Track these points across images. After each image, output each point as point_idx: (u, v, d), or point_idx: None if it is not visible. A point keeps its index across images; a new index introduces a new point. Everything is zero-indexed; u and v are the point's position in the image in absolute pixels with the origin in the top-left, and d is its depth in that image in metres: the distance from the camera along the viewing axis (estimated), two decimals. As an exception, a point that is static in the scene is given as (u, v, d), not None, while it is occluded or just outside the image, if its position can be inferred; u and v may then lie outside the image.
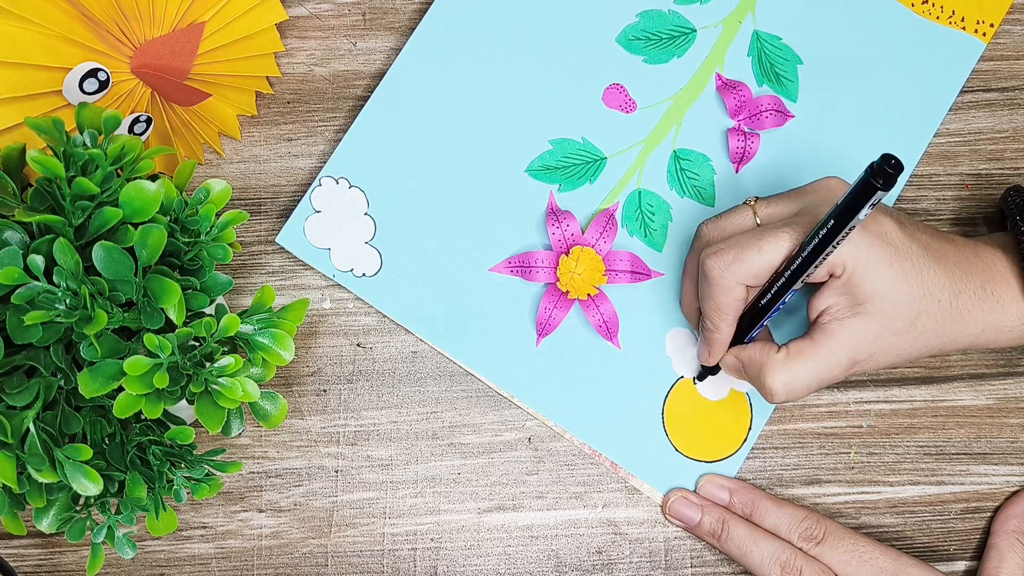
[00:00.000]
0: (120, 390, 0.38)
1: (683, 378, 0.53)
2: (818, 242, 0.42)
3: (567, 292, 0.52)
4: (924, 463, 0.53)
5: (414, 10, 0.57)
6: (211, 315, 0.41)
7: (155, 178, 0.40)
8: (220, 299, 0.43)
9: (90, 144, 0.40)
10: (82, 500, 0.42)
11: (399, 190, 0.54)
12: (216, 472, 0.43)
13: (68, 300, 0.37)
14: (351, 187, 0.54)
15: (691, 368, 0.53)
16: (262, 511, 0.52)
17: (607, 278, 0.53)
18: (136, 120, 0.49)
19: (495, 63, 0.55)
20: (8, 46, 0.42)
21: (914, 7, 0.56)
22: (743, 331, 0.48)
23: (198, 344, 0.40)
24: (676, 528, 0.52)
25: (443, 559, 0.52)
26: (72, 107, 0.46)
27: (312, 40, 0.56)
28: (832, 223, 0.41)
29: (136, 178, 0.40)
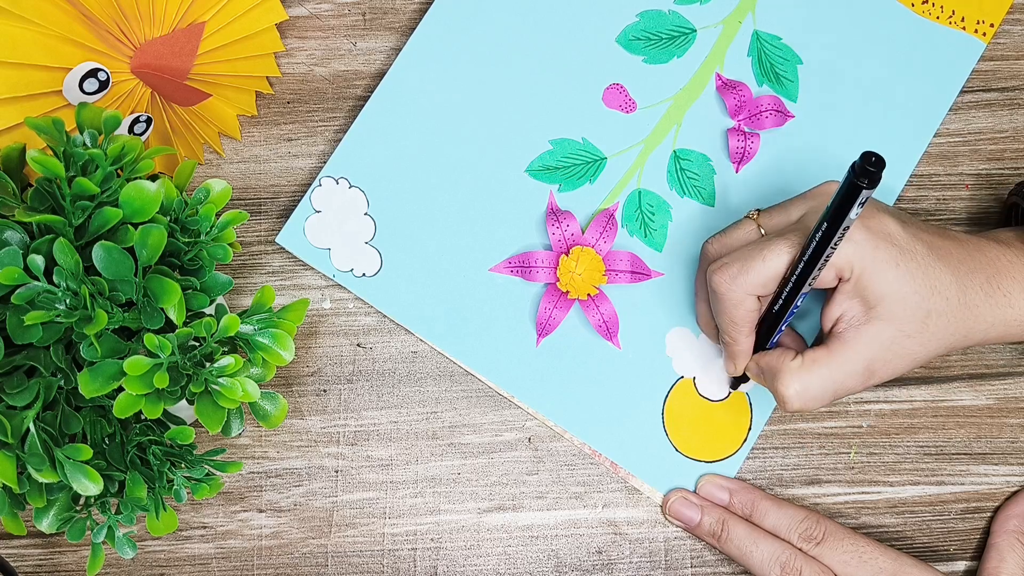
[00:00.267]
0: (120, 390, 0.38)
1: (683, 378, 0.53)
2: (815, 246, 0.42)
3: (567, 292, 0.52)
4: (924, 463, 0.53)
5: (414, 10, 0.57)
6: (211, 315, 0.41)
7: (155, 178, 0.40)
8: (220, 299, 0.43)
9: (90, 144, 0.40)
10: (82, 500, 0.42)
11: (399, 190, 0.54)
12: (216, 472, 0.43)
13: (68, 300, 0.37)
14: (351, 187, 0.54)
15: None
16: (262, 511, 0.52)
17: (607, 278, 0.53)
18: (136, 120, 0.49)
19: (495, 63, 0.55)
20: (8, 46, 0.42)
21: (914, 7, 0.56)
22: (763, 338, 0.48)
23: (198, 344, 0.40)
24: (676, 528, 0.52)
25: (443, 559, 0.52)
26: (72, 107, 0.46)
27: (312, 40, 0.56)
28: (825, 226, 0.41)
29: (136, 178, 0.40)
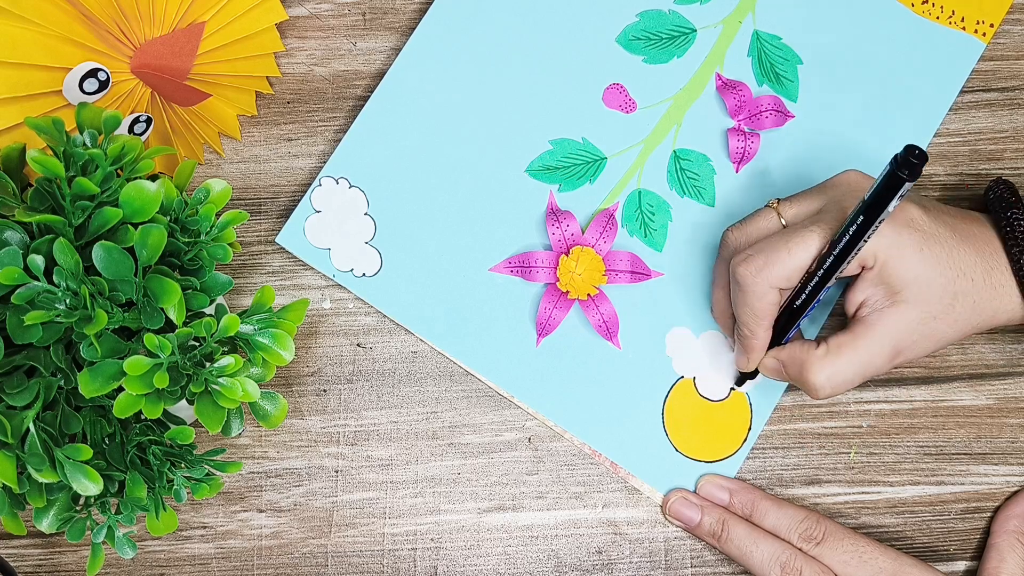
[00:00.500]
0: (120, 390, 0.38)
1: (683, 378, 0.53)
2: (849, 238, 0.42)
3: (567, 292, 0.52)
4: (924, 463, 0.53)
5: (414, 10, 0.57)
6: (211, 315, 0.41)
7: (155, 178, 0.40)
8: (220, 299, 0.43)
9: (90, 144, 0.40)
10: (82, 500, 0.42)
11: (399, 190, 0.54)
12: (216, 472, 0.43)
13: (68, 300, 0.37)
14: (351, 187, 0.54)
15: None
16: (262, 511, 0.52)
17: (607, 278, 0.53)
18: (136, 120, 0.49)
19: (495, 63, 0.55)
20: (8, 46, 0.42)
21: (914, 7, 0.56)
22: (779, 333, 0.48)
23: (198, 344, 0.40)
24: (676, 528, 0.52)
25: (443, 559, 0.52)
26: (72, 107, 0.46)
27: (312, 40, 0.56)
28: (862, 219, 0.41)
29: (136, 178, 0.40)
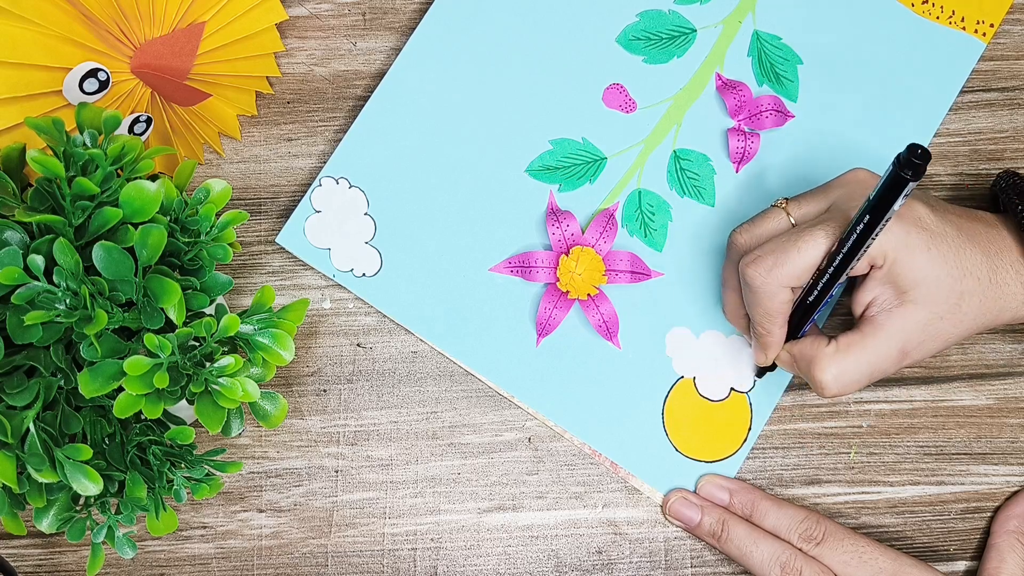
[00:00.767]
0: (120, 390, 0.38)
1: (683, 378, 0.53)
2: (856, 237, 0.42)
3: (567, 292, 0.52)
4: (924, 463, 0.53)
5: (414, 10, 0.57)
6: (211, 315, 0.41)
7: (155, 178, 0.40)
8: (220, 299, 0.43)
9: (90, 144, 0.40)
10: (82, 500, 0.42)
11: (399, 190, 0.54)
12: (216, 472, 0.43)
13: (68, 300, 0.37)
14: (351, 187, 0.54)
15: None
16: (262, 511, 0.52)
17: (607, 278, 0.53)
18: (136, 120, 0.49)
19: (495, 63, 0.55)
20: (8, 46, 0.42)
21: (914, 7, 0.56)
22: (795, 327, 0.48)
23: (198, 344, 0.40)
24: (676, 528, 0.52)
25: (443, 559, 0.52)
26: (72, 107, 0.46)
27: (312, 40, 0.56)
28: (868, 218, 0.41)
29: (136, 178, 0.40)
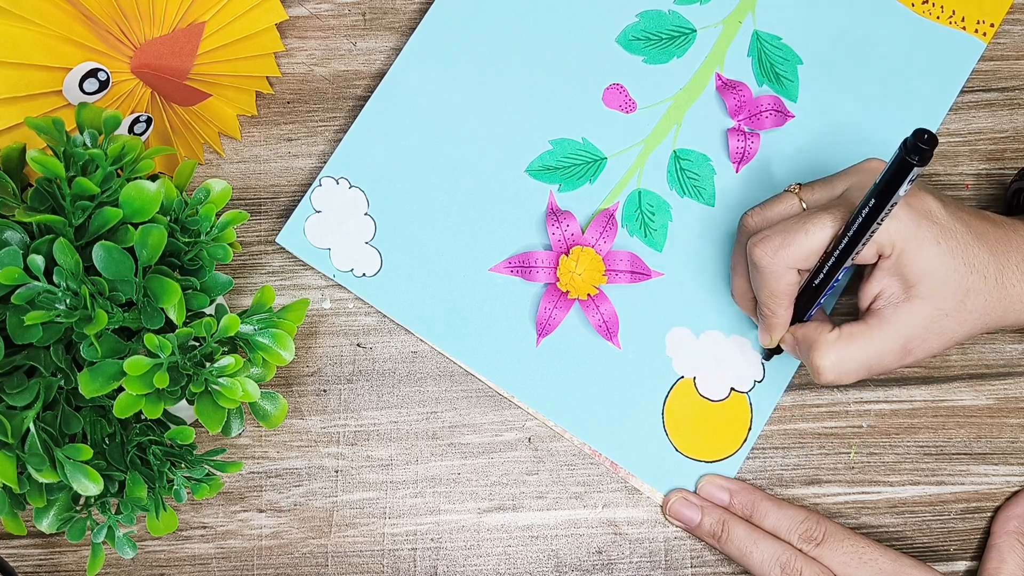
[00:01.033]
0: (120, 390, 0.38)
1: (683, 378, 0.53)
2: (862, 221, 0.42)
3: (567, 292, 0.52)
4: (924, 463, 0.53)
5: (414, 10, 0.57)
6: (211, 315, 0.41)
7: (155, 178, 0.40)
8: (220, 299, 0.43)
9: (90, 144, 0.40)
10: (82, 500, 0.42)
11: (399, 190, 0.54)
12: (216, 472, 0.43)
13: (68, 300, 0.37)
14: (351, 187, 0.54)
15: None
16: (262, 511, 0.52)
17: (607, 278, 0.53)
18: (136, 120, 0.49)
19: (495, 63, 0.55)
20: (8, 46, 0.42)
21: (914, 7, 0.56)
22: (800, 310, 0.48)
23: (198, 344, 0.40)
24: (676, 528, 0.52)
25: (443, 559, 0.52)
26: (72, 107, 0.46)
27: (312, 40, 0.56)
28: (873, 202, 0.41)
29: (136, 178, 0.40)
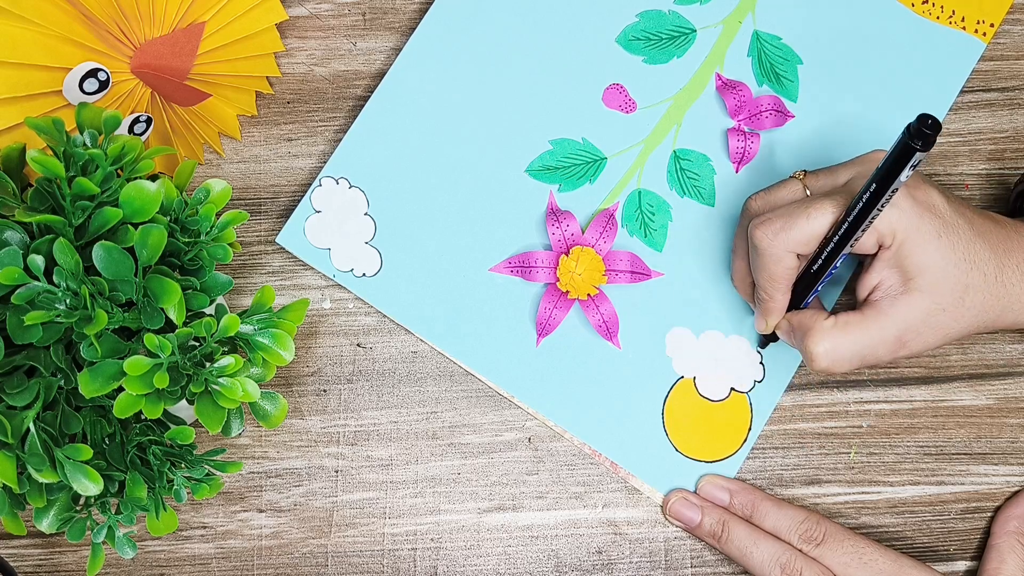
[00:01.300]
0: (120, 390, 0.38)
1: (683, 378, 0.53)
2: (863, 206, 0.42)
3: (567, 292, 0.52)
4: (924, 463, 0.53)
5: (414, 10, 0.57)
6: (211, 315, 0.41)
7: (155, 178, 0.40)
8: (220, 299, 0.43)
9: (90, 144, 0.40)
10: (82, 500, 0.42)
11: (399, 190, 0.54)
12: (216, 472, 0.43)
13: (68, 300, 0.37)
14: (351, 187, 0.54)
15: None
16: (262, 511, 0.52)
17: (607, 278, 0.53)
18: (136, 120, 0.49)
19: (495, 63, 0.55)
20: (8, 46, 0.42)
21: (914, 7, 0.56)
22: (798, 297, 0.48)
23: (198, 344, 0.40)
24: (676, 528, 0.52)
25: (443, 559, 0.52)
26: (72, 107, 0.46)
27: (312, 40, 0.56)
28: (874, 187, 0.41)
29: (136, 178, 0.40)
